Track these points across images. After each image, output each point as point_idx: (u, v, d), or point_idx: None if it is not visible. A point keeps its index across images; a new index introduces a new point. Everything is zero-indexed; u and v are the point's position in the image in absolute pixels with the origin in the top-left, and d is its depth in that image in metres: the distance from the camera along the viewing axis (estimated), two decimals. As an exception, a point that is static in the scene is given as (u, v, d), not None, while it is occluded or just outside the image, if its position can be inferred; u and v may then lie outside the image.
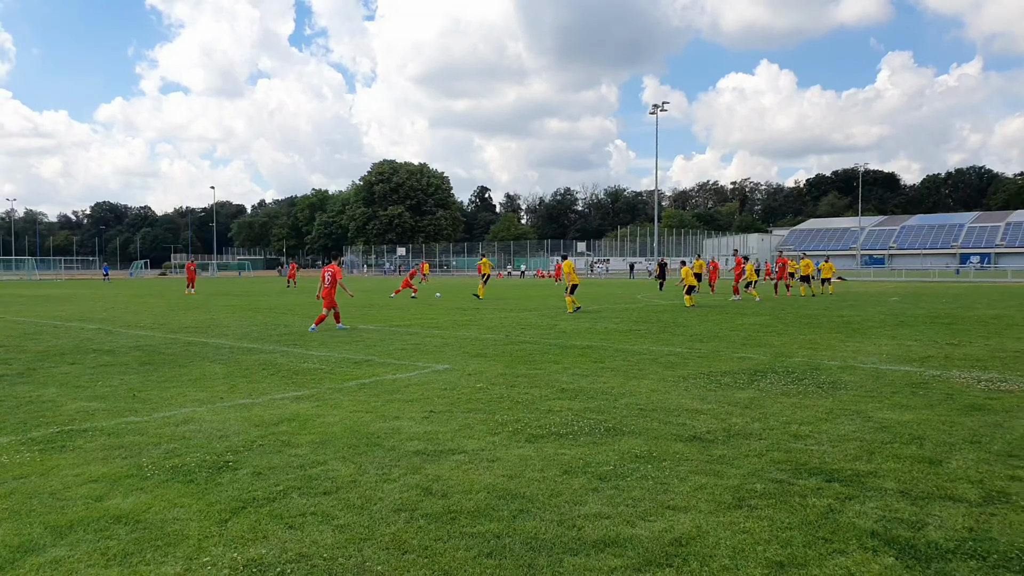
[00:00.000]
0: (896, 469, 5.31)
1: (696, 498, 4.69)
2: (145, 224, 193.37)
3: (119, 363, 10.95)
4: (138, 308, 24.43)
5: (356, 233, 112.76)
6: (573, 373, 9.78)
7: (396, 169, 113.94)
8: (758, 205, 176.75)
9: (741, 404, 7.70)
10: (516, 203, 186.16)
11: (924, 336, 14.31)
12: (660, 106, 76.59)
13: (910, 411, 7.34)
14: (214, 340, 14.03)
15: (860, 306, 23.79)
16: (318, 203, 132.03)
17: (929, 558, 3.79)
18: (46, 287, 49.07)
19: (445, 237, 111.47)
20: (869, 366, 10.41)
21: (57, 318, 19.93)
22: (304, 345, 13.17)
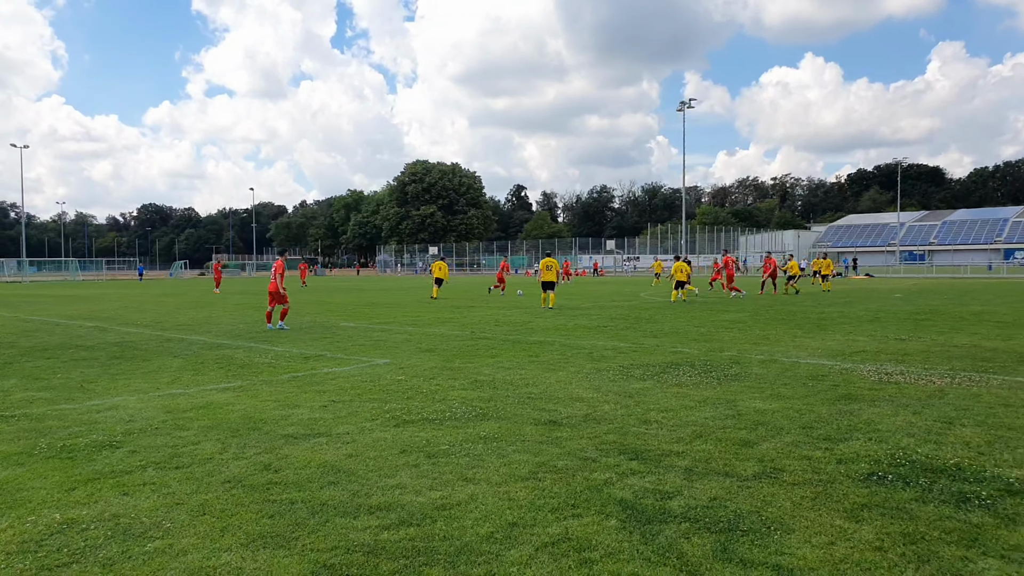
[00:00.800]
0: (703, 450, 5.79)
1: (497, 472, 5.24)
2: (189, 225, 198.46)
3: (90, 358, 11.81)
4: (149, 307, 25.57)
5: (389, 233, 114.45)
6: (500, 366, 10.34)
7: (429, 169, 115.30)
8: (799, 201, 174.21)
9: (627, 394, 8.19)
10: (552, 201, 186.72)
11: (882, 332, 14.53)
12: (688, 103, 76.48)
13: (781, 400, 7.76)
14: (194, 337, 14.88)
15: (852, 303, 23.87)
16: (353, 203, 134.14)
17: (650, 520, 4.29)
18: (82, 287, 51.04)
19: (477, 236, 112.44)
20: (791, 360, 10.78)
21: (65, 317, 21.09)
22: (274, 341, 13.93)
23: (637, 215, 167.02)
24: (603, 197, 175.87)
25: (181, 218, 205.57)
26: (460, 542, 4.01)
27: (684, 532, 4.14)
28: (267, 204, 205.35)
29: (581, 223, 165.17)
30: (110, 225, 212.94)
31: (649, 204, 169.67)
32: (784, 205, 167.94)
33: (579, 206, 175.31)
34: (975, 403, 7.56)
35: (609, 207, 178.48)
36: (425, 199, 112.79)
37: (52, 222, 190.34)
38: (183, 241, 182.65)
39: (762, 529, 4.18)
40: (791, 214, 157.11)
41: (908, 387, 8.50)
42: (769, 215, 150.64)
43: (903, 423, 6.71)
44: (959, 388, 8.39)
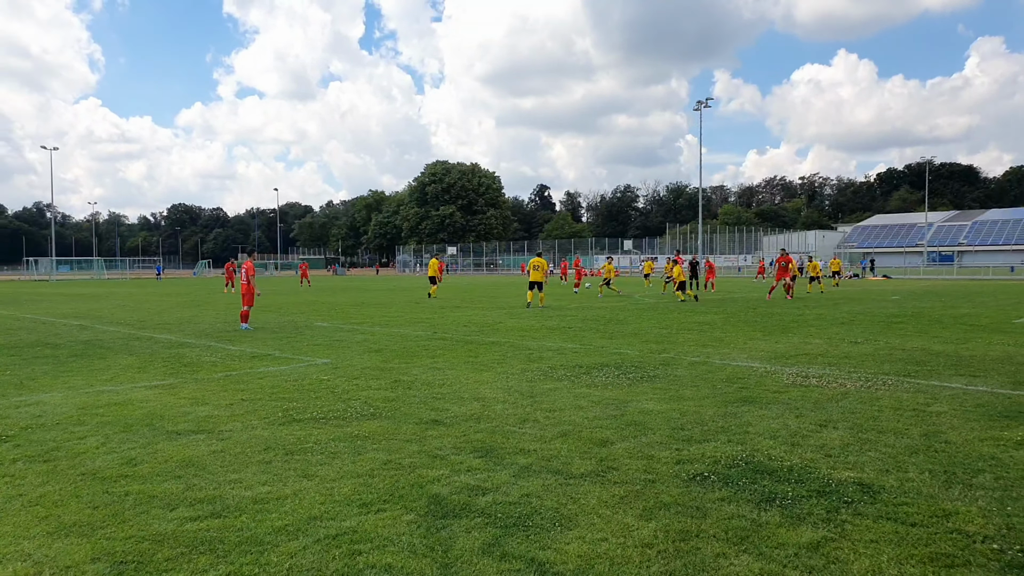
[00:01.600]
0: (555, 449, 5.98)
1: (338, 469, 5.47)
2: (217, 225, 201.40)
3: (51, 356, 12.23)
4: (145, 306, 26.16)
5: (409, 233, 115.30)
6: (432, 367, 10.56)
7: (448, 170, 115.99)
8: (827, 201, 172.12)
9: (531, 394, 8.37)
10: (576, 201, 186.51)
11: (844, 335, 14.53)
12: (705, 102, 75.91)
13: (677, 402, 7.90)
14: (164, 336, 15.30)
15: (839, 305, 23.74)
16: (375, 204, 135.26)
17: (447, 515, 4.50)
18: (100, 286, 52.12)
19: (495, 236, 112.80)
20: (722, 363, 10.88)
21: (57, 315, 21.69)
22: (235, 340, 14.28)
23: (662, 215, 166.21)
24: (627, 197, 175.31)
25: (209, 218, 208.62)
26: (248, 534, 4.24)
27: (470, 527, 4.33)
28: (294, 204, 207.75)
29: (605, 223, 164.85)
30: (141, 225, 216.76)
31: (674, 204, 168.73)
32: (812, 205, 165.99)
33: (603, 206, 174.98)
34: (867, 406, 7.64)
35: (633, 207, 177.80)
36: (444, 199, 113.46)
37: (86, 222, 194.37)
38: (211, 240, 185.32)
39: (547, 525, 4.36)
40: (818, 214, 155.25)
41: (814, 390, 8.58)
42: (796, 215, 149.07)
43: (778, 426, 6.83)
44: (864, 392, 8.46)
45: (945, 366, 10.37)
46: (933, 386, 8.83)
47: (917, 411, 7.45)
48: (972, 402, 7.88)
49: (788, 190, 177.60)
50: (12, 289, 46.68)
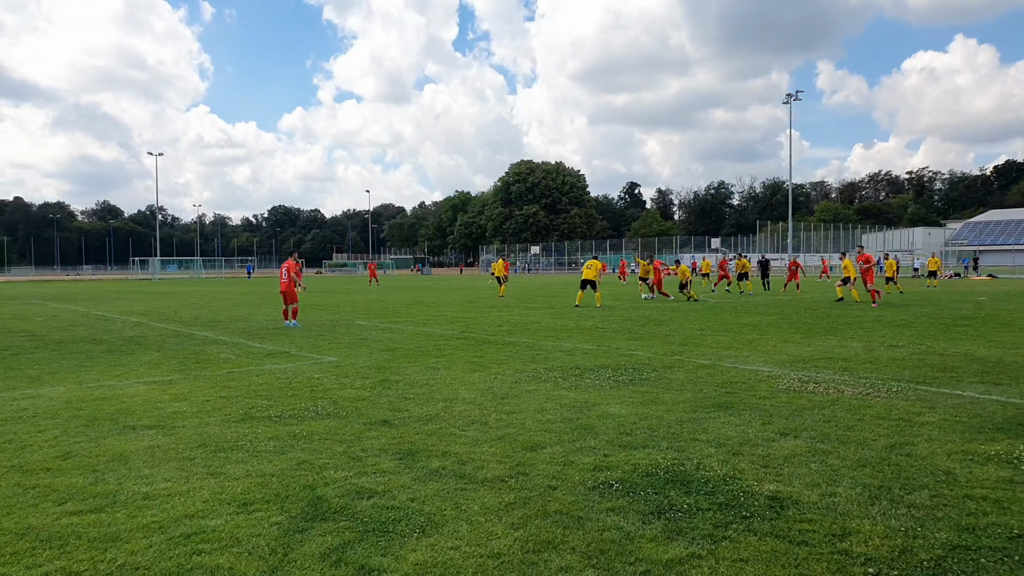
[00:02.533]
0: (479, 453, 5.84)
1: (245, 468, 5.50)
2: (315, 226, 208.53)
3: (87, 351, 12.86)
4: (214, 304, 27.21)
5: (493, 233, 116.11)
6: (430, 367, 10.54)
7: (532, 169, 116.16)
8: (936, 196, 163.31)
9: (504, 396, 8.23)
10: (668, 198, 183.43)
11: (890, 338, 13.75)
12: (795, 95, 73.96)
13: (647, 406, 7.61)
14: (204, 333, 15.87)
15: (915, 306, 22.49)
16: (460, 204, 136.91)
17: (316, 518, 4.44)
18: (191, 284, 54.65)
19: (579, 235, 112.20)
20: (730, 365, 10.44)
21: (124, 312, 22.81)
22: (266, 339, 14.66)
23: (757, 212, 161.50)
24: (720, 193, 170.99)
25: (307, 219, 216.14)
26: (111, 530, 4.30)
27: (329, 531, 4.26)
28: (388, 206, 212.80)
29: (697, 221, 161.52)
30: (244, 226, 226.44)
31: (770, 201, 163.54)
32: (920, 200, 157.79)
33: (695, 203, 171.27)
34: (849, 415, 7.16)
35: (727, 204, 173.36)
36: (528, 199, 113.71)
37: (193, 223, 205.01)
38: (308, 241, 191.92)
39: (408, 532, 4.25)
40: (925, 210, 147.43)
41: (805, 396, 8.10)
42: (902, 211, 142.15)
43: (735, 433, 6.47)
44: (857, 399, 7.94)
45: (974, 373, 9.62)
46: (942, 394, 8.20)
47: (902, 421, 6.93)
48: (972, 412, 7.26)
49: (894, 185, 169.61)
50: (107, 287, 49.51)
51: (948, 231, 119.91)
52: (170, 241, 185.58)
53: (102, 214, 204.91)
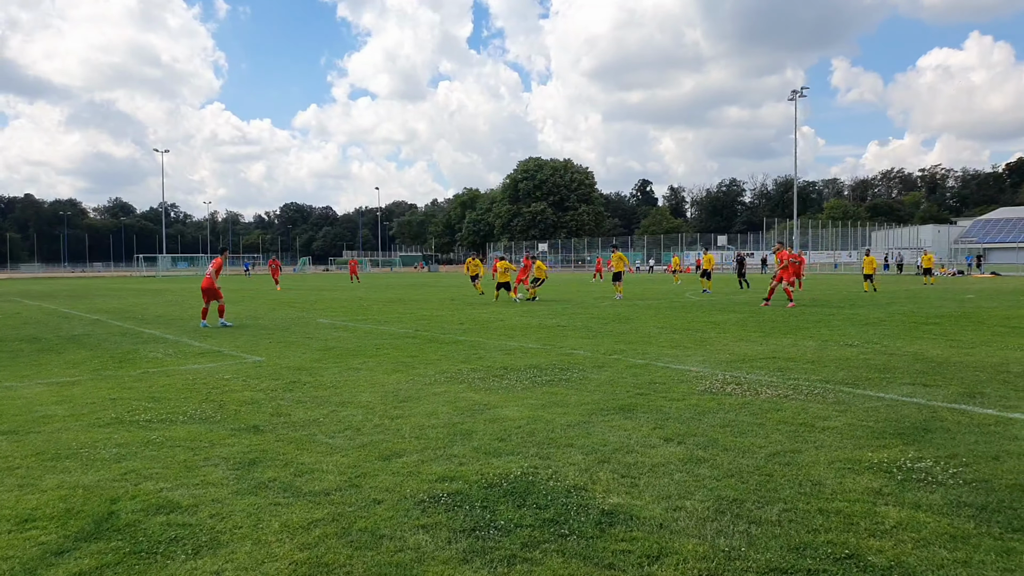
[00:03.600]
0: (326, 462, 5.49)
1: (58, 475, 5.18)
2: (327, 223, 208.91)
3: (18, 350, 12.61)
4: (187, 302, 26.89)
5: (501, 230, 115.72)
6: (353, 368, 10.20)
7: (541, 166, 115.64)
8: (948, 193, 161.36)
9: (405, 398, 7.89)
10: (680, 195, 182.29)
11: (847, 337, 13.34)
12: (800, 91, 73.04)
13: (546, 409, 7.25)
14: (152, 331, 15.61)
15: (889, 305, 21.98)
16: (469, 201, 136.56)
17: (89, 536, 4.11)
18: (187, 281, 54.47)
19: (587, 232, 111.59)
20: (664, 366, 10.04)
21: (90, 310, 22.59)
22: (209, 338, 14.37)
23: (769, 209, 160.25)
24: (732, 191, 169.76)
25: (319, 217, 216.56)
26: None
27: (96, 551, 3.94)
28: (399, 203, 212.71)
29: (709, 218, 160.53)
30: (256, 223, 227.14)
31: (782, 198, 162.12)
32: (932, 198, 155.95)
33: (707, 200, 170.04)
34: (751, 419, 6.77)
35: (739, 201, 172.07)
36: (536, 196, 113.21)
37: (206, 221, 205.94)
38: (320, 238, 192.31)
39: (176, 553, 3.91)
40: (937, 208, 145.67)
41: (720, 398, 7.71)
42: (913, 209, 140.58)
43: (617, 439, 6.11)
44: (771, 401, 7.54)
45: (912, 373, 9.19)
46: (863, 396, 7.78)
47: (804, 425, 6.53)
48: (883, 416, 6.86)
49: (907, 183, 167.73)
50: (102, 284, 49.39)
51: (958, 228, 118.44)
52: (181, 239, 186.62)
53: (114, 211, 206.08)
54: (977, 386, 8.31)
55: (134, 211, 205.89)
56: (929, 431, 6.35)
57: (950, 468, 5.27)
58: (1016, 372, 9.25)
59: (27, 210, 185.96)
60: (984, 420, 6.70)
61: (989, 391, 8.04)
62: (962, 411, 7.09)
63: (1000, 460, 5.47)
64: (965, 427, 6.46)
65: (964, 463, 5.41)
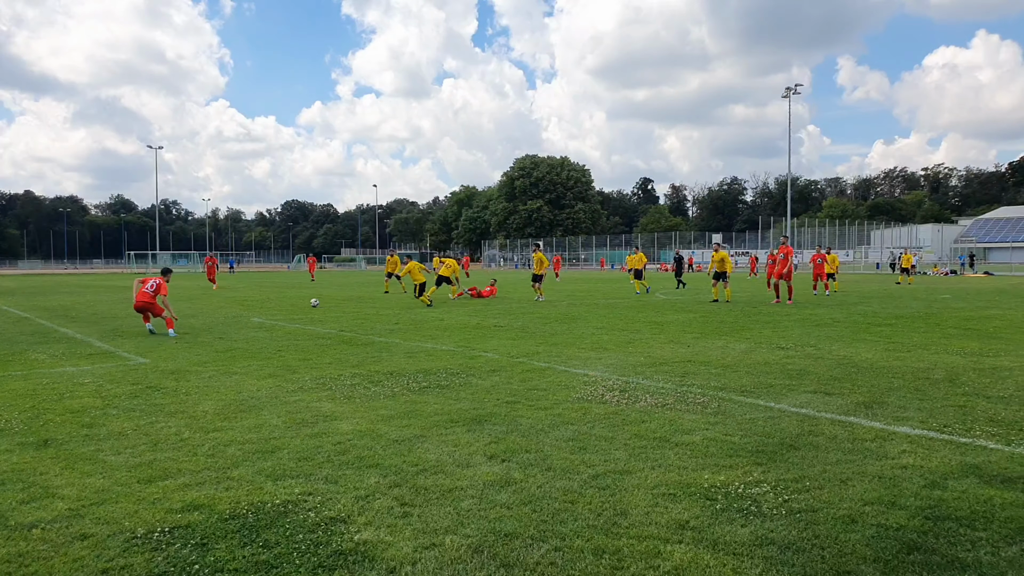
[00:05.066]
0: (85, 484, 4.84)
1: None
2: (327, 220, 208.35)
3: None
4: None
5: (497, 228, 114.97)
6: (231, 372, 9.56)
7: (537, 164, 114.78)
8: (951, 193, 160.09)
9: (241, 408, 7.23)
10: (682, 194, 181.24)
11: (789, 338, 12.66)
12: (793, 89, 72.45)
13: (396, 420, 6.59)
14: (71, 331, 14.96)
15: (855, 305, 21.26)
16: (465, 199, 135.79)
17: None
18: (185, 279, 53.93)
19: (584, 230, 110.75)
20: (563, 369, 9.37)
21: (31, 307, 21.92)
22: (119, 339, 13.73)
23: (771, 208, 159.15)
24: (734, 189, 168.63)
25: (320, 214, 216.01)
26: None
27: None
28: (401, 200, 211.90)
29: (710, 216, 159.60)
30: (258, 220, 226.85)
31: (784, 197, 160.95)
32: (935, 197, 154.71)
33: (708, 199, 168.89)
34: (604, 432, 6.11)
35: (741, 200, 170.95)
36: (532, 193, 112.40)
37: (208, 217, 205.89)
38: (321, 236, 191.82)
39: None
40: (939, 207, 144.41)
41: (589, 407, 7.04)
42: (915, 208, 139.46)
43: (436, 457, 5.45)
44: (640, 413, 6.88)
45: (822, 380, 8.50)
46: (752, 406, 7.11)
47: (659, 440, 5.87)
48: (755, 429, 6.18)
49: (910, 182, 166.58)
50: (79, 280, 48.65)
51: (959, 228, 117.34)
52: (182, 235, 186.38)
53: (116, 208, 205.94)
54: (882, 395, 7.62)
55: (136, 208, 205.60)
56: (795, 448, 5.67)
57: (785, 494, 4.60)
58: (935, 379, 8.56)
59: (27, 206, 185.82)
60: (864, 435, 6.02)
61: (892, 400, 7.35)
62: (847, 424, 6.40)
63: (847, 484, 4.79)
64: (837, 443, 5.78)
65: (805, 488, 4.73)
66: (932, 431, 6.14)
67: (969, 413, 6.77)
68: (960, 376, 8.71)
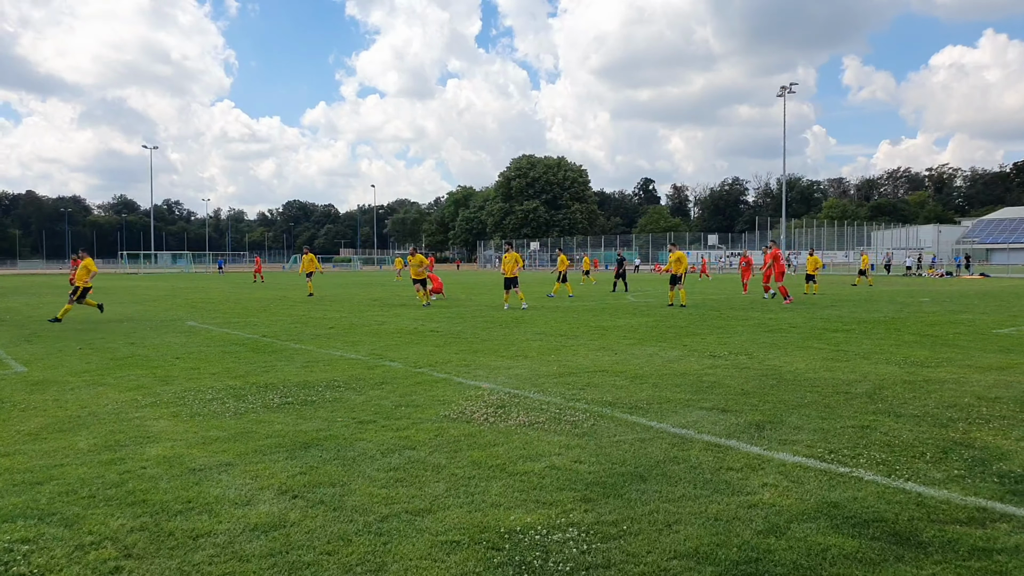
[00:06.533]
0: None
1: None
2: (329, 221, 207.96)
3: None
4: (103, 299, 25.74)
5: (494, 228, 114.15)
6: (99, 383, 8.87)
7: (533, 164, 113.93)
8: (956, 193, 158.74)
9: (64, 425, 6.52)
10: (684, 194, 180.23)
11: (732, 345, 11.90)
12: (788, 88, 72.01)
13: (203, 446, 5.88)
14: (-15, 334, 14.36)
15: (825, 308, 20.48)
16: (462, 200, 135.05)
17: None
18: (155, 279, 53.40)
19: (580, 231, 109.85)
20: (456, 380, 8.64)
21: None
22: (30, 343, 13.08)
23: (773, 208, 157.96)
24: (735, 189, 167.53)
25: (321, 214, 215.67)
26: None
27: None
28: (403, 201, 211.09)
29: (711, 217, 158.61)
30: (260, 220, 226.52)
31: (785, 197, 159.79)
32: (938, 197, 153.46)
33: (710, 199, 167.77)
34: (434, 458, 5.40)
35: (743, 200, 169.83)
36: (529, 194, 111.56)
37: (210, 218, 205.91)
38: (322, 236, 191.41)
39: None
40: (942, 208, 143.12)
41: (443, 427, 6.31)
42: (918, 209, 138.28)
43: (222, 492, 4.75)
44: (500, 432, 6.16)
45: (729, 396, 7.76)
46: (632, 425, 6.38)
47: (495, 469, 5.17)
48: (614, 455, 5.46)
49: (914, 182, 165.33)
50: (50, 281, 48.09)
51: (961, 228, 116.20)
52: (183, 235, 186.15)
53: (118, 208, 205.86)
54: (785, 412, 6.88)
55: (138, 208, 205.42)
56: (643, 479, 4.94)
57: (588, 543, 3.89)
58: (855, 393, 7.82)
59: (28, 207, 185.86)
60: (733, 463, 5.29)
61: (791, 419, 6.60)
62: (722, 448, 5.67)
63: (670, 530, 4.08)
64: (697, 473, 5.05)
65: (619, 534, 4.02)
66: (812, 458, 5.41)
67: (867, 435, 6.03)
68: (884, 390, 7.96)
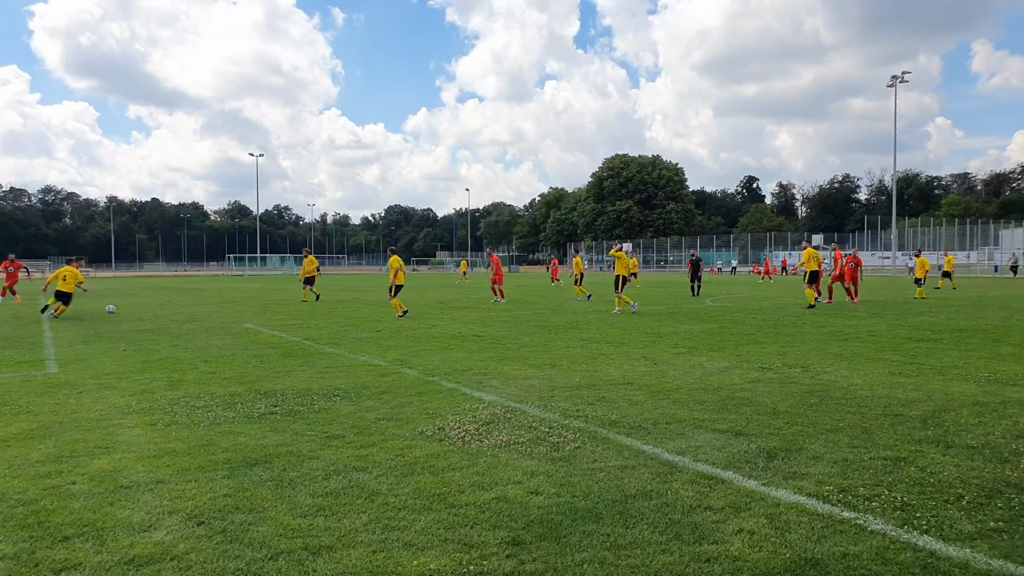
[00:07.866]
0: None
1: None
2: (428, 224, 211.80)
3: None
4: (173, 302, 26.50)
5: (585, 229, 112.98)
6: (108, 387, 8.78)
7: (627, 163, 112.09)
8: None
9: (43, 432, 6.34)
10: (790, 193, 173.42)
11: (782, 357, 10.89)
12: (900, 76, 67.58)
13: (156, 459, 5.54)
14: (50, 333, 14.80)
15: (870, 318, 18.83)
16: (554, 201, 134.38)
17: None
18: (246, 281, 55.13)
19: (676, 231, 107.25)
20: (463, 391, 8.08)
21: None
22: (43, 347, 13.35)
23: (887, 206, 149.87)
24: (846, 187, 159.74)
25: (421, 218, 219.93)
26: None
27: None
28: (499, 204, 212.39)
29: (820, 216, 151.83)
30: (363, 225, 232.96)
31: (901, 195, 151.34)
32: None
33: (818, 198, 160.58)
34: (388, 482, 4.85)
35: (854, 198, 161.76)
36: (622, 194, 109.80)
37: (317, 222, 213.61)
38: (421, 239, 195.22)
39: None
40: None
41: (417, 446, 5.77)
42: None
43: (144, 519, 4.34)
44: (467, 455, 5.57)
45: (752, 416, 6.90)
46: (621, 449, 5.68)
47: (434, 498, 4.60)
48: (584, 488, 4.80)
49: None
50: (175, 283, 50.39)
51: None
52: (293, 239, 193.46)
53: (233, 213, 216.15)
54: (807, 439, 5.98)
55: (250, 213, 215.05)
56: (598, 520, 4.28)
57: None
58: (908, 416, 6.80)
59: (152, 213, 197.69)
60: (715, 501, 4.53)
61: (813, 447, 5.72)
62: (714, 480, 4.91)
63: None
64: (666, 512, 4.33)
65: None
66: (816, 497, 4.57)
67: (897, 470, 5.11)
68: (945, 413, 6.90)
